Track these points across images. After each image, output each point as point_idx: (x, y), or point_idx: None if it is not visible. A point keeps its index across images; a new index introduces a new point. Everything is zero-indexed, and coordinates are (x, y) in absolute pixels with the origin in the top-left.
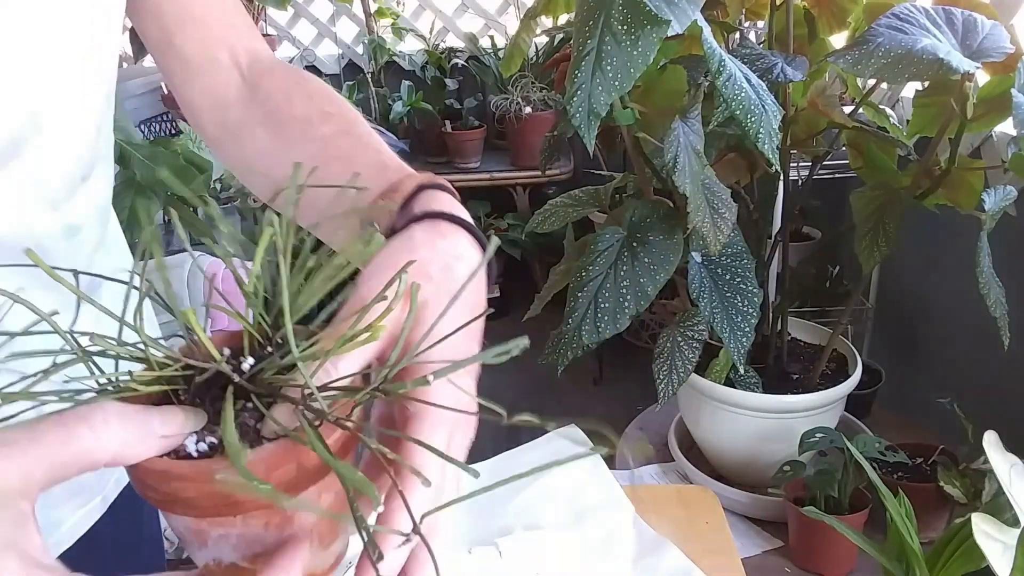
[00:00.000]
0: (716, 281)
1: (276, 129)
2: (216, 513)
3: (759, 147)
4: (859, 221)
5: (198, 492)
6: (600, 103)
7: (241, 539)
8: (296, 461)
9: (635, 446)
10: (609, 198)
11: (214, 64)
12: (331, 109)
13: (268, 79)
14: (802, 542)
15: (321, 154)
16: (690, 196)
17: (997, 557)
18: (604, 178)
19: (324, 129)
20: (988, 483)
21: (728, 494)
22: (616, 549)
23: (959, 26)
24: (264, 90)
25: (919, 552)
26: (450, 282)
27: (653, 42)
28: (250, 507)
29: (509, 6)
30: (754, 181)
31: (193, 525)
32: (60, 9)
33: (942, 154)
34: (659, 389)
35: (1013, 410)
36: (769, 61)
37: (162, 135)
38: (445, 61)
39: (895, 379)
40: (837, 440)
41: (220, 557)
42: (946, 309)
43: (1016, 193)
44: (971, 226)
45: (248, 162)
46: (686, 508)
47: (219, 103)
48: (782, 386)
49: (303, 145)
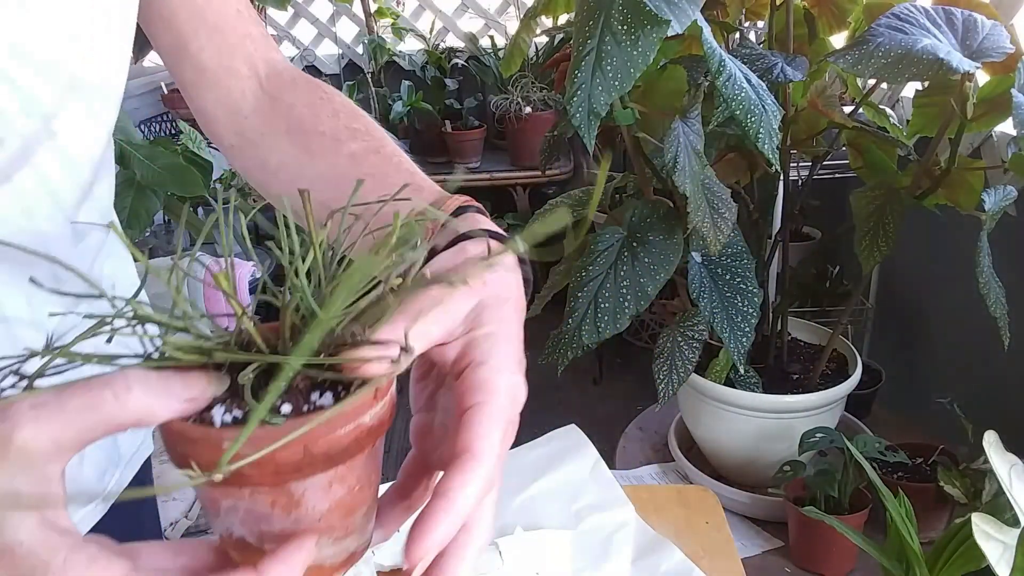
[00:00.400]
0: (716, 281)
1: (302, 142)
2: (225, 483)
3: (759, 147)
4: (859, 221)
5: (208, 459)
6: (600, 103)
7: (249, 514)
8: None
9: None
10: (609, 198)
11: (230, 73)
12: (357, 126)
13: (290, 92)
14: (802, 542)
15: (352, 171)
16: (690, 196)
17: (997, 557)
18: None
19: (353, 146)
20: (988, 483)
21: (728, 494)
22: (616, 549)
23: (959, 26)
24: (285, 102)
25: (919, 552)
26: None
27: (653, 42)
28: (256, 481)
29: (509, 6)
30: (754, 181)
31: (206, 492)
32: (57, 8)
33: (942, 154)
34: (659, 389)
35: (1013, 410)
36: (769, 61)
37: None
38: (445, 61)
39: (895, 379)
40: (837, 440)
41: (231, 530)
42: (946, 309)
43: (1016, 193)
44: (971, 226)
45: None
46: (686, 508)
47: (235, 112)
48: (782, 386)
49: (332, 160)
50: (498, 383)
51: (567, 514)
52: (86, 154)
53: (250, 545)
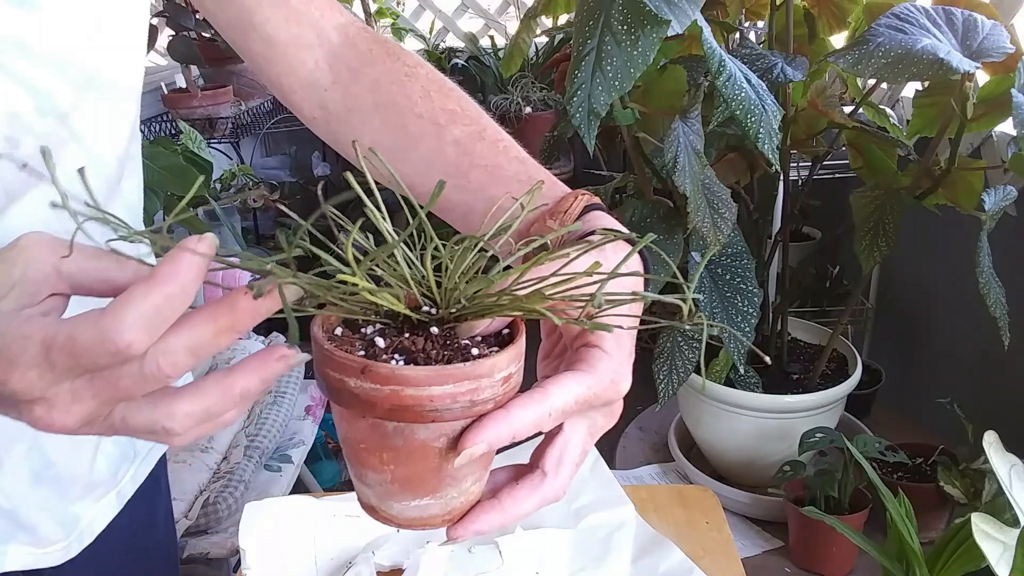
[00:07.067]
0: (716, 281)
1: (397, 123)
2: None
3: (759, 147)
4: (859, 221)
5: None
6: (600, 103)
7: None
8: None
9: None
10: (609, 198)
11: (300, 42)
12: (453, 107)
13: (370, 66)
14: (802, 542)
15: (461, 160)
16: (690, 196)
17: (997, 557)
18: (604, 178)
19: (455, 131)
20: (988, 483)
21: (728, 494)
22: (616, 549)
23: (959, 26)
24: (368, 77)
25: (919, 552)
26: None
27: (653, 42)
28: (377, 413)
29: (509, 6)
30: (754, 181)
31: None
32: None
33: (942, 154)
34: (659, 389)
35: (1013, 410)
36: (769, 61)
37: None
38: (445, 61)
39: (895, 379)
40: (837, 440)
41: None
42: (946, 309)
43: (1016, 193)
44: (971, 226)
45: None
46: (686, 508)
47: (313, 84)
48: (782, 386)
49: (434, 145)
50: (605, 364)
51: (567, 513)
52: (111, 150)
53: None
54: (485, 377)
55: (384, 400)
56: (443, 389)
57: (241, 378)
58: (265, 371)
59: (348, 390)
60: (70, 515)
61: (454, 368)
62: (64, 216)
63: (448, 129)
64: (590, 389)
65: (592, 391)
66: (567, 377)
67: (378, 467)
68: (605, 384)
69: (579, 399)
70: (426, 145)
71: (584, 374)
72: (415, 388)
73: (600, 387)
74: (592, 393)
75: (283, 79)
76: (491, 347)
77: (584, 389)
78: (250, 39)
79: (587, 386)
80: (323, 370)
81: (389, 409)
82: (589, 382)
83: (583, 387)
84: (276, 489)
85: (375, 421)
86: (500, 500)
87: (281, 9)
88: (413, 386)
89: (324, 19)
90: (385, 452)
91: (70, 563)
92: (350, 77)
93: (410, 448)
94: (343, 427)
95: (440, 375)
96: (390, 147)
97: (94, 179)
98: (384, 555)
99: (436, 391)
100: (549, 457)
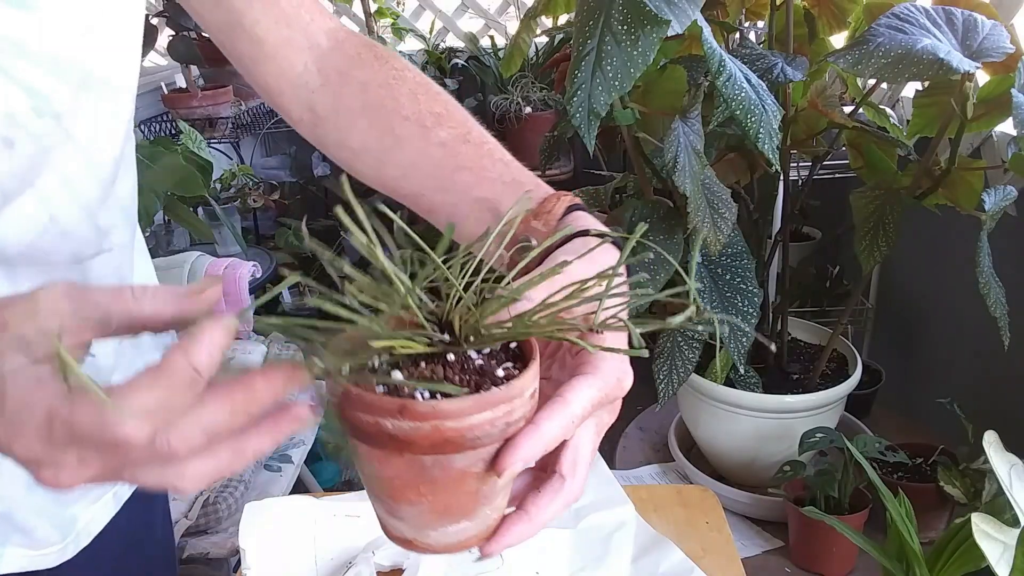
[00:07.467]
0: (716, 281)
1: (383, 125)
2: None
3: (759, 147)
4: (859, 221)
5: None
6: (600, 103)
7: None
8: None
9: None
10: (609, 198)
11: (289, 44)
12: (439, 109)
13: (359, 68)
14: (802, 542)
15: (447, 162)
16: (690, 196)
17: (997, 557)
18: (604, 178)
19: (441, 134)
20: (988, 483)
21: (728, 494)
22: (615, 548)
23: (959, 26)
24: (357, 80)
25: (919, 552)
26: None
27: (653, 42)
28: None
29: (509, 6)
30: (754, 181)
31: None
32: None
33: (942, 154)
34: (659, 389)
35: (1013, 410)
36: (769, 61)
37: (162, 135)
38: (445, 61)
39: (895, 379)
40: (837, 440)
41: None
42: (946, 309)
43: (1016, 193)
44: (971, 226)
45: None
46: (686, 508)
47: (300, 85)
48: (782, 386)
49: (420, 147)
50: (608, 364)
51: (567, 513)
52: (107, 151)
53: None
54: (517, 398)
55: (425, 437)
56: (481, 417)
57: (254, 441)
58: (278, 433)
59: (384, 432)
60: (67, 517)
61: (490, 395)
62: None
63: (434, 131)
64: (600, 391)
65: (602, 392)
66: (579, 382)
67: (414, 500)
68: (612, 384)
69: (593, 402)
70: (412, 147)
71: (593, 377)
72: (455, 420)
73: (608, 387)
74: (603, 394)
75: (271, 81)
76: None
77: (596, 392)
78: (239, 40)
79: (598, 388)
80: (351, 414)
81: (430, 445)
82: (599, 384)
83: (595, 390)
84: (276, 489)
85: (412, 457)
86: (526, 510)
87: (272, 11)
88: (454, 419)
89: (314, 23)
90: (423, 485)
91: (67, 564)
92: (339, 80)
93: (448, 477)
94: (373, 467)
95: (479, 404)
96: (376, 149)
97: (89, 181)
98: (384, 555)
99: (475, 420)
100: (565, 460)
